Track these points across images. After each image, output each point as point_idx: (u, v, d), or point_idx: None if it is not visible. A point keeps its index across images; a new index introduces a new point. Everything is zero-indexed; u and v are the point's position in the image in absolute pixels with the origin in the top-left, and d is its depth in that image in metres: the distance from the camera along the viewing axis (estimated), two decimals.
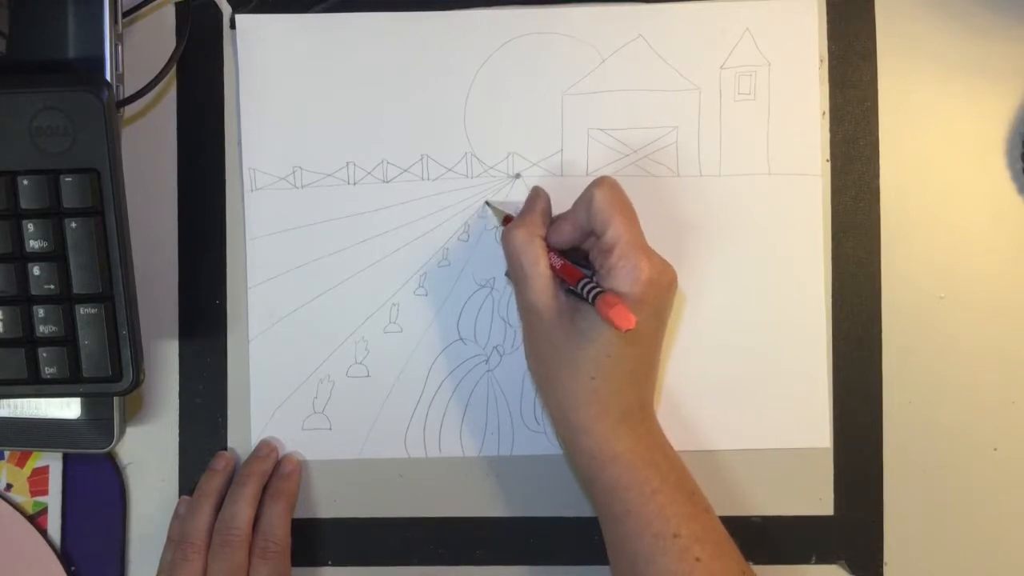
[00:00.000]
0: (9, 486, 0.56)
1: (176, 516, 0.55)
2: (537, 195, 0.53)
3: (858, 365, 0.56)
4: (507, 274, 0.54)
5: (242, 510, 0.53)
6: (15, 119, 0.48)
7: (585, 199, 0.50)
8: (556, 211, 0.53)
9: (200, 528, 0.53)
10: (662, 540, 0.48)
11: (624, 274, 0.48)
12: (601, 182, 0.50)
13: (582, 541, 0.56)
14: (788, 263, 0.56)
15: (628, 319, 0.45)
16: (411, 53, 0.56)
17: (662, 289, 0.49)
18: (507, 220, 0.54)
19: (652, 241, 0.56)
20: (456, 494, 0.56)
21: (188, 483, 0.56)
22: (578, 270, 0.49)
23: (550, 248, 0.51)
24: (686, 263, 0.56)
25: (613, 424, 0.49)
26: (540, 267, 0.50)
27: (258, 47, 0.56)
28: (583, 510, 0.56)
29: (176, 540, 0.54)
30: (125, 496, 0.56)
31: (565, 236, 0.51)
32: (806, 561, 0.56)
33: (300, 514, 0.56)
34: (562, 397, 0.50)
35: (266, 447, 0.56)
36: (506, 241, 0.51)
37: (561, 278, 0.50)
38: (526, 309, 0.51)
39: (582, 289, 0.48)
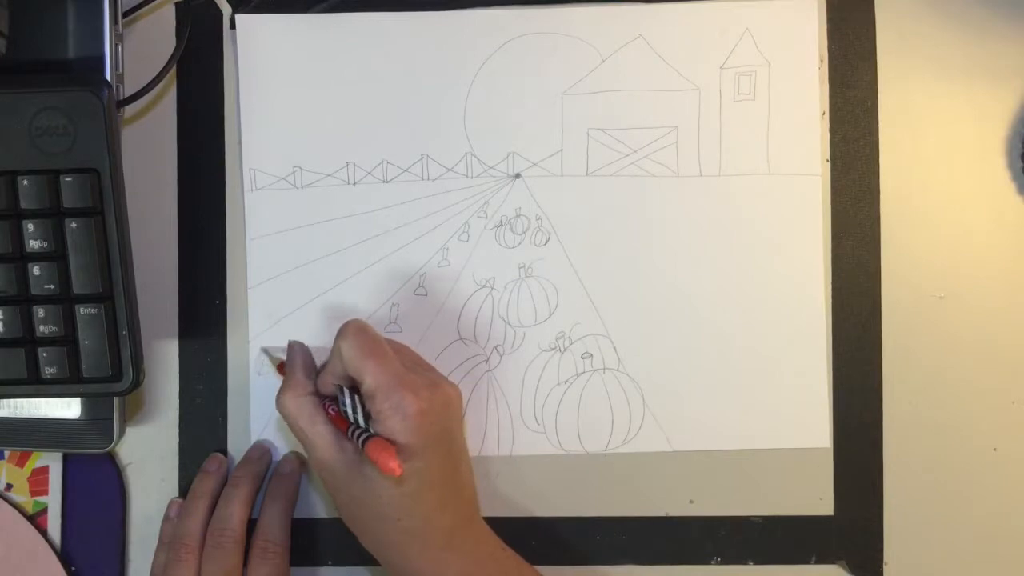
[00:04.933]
0: (9, 486, 0.56)
1: (167, 518, 0.55)
2: (293, 352, 0.53)
3: (858, 365, 0.56)
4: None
5: (236, 511, 0.53)
6: (15, 119, 0.48)
7: (335, 351, 0.49)
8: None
9: (194, 529, 0.53)
10: None
11: (391, 416, 0.47)
12: (345, 331, 0.49)
13: (582, 541, 0.56)
14: (788, 263, 0.56)
15: (391, 467, 0.45)
16: (411, 53, 0.56)
17: (436, 414, 0.48)
18: (282, 366, 0.54)
19: (651, 241, 0.56)
20: None
21: (188, 483, 0.56)
22: (347, 420, 0.49)
23: (325, 397, 0.51)
24: (686, 263, 0.56)
25: (438, 553, 0.49)
26: (317, 426, 0.49)
27: (258, 47, 0.56)
28: (583, 510, 0.56)
29: (168, 542, 0.54)
30: (125, 496, 0.56)
31: (330, 388, 0.50)
32: (806, 561, 0.56)
33: (300, 514, 0.56)
34: (380, 543, 0.50)
35: (259, 449, 0.56)
36: (279, 408, 0.51)
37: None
38: (318, 468, 0.50)
39: (353, 438, 0.48)
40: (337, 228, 0.56)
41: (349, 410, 0.49)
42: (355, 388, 0.50)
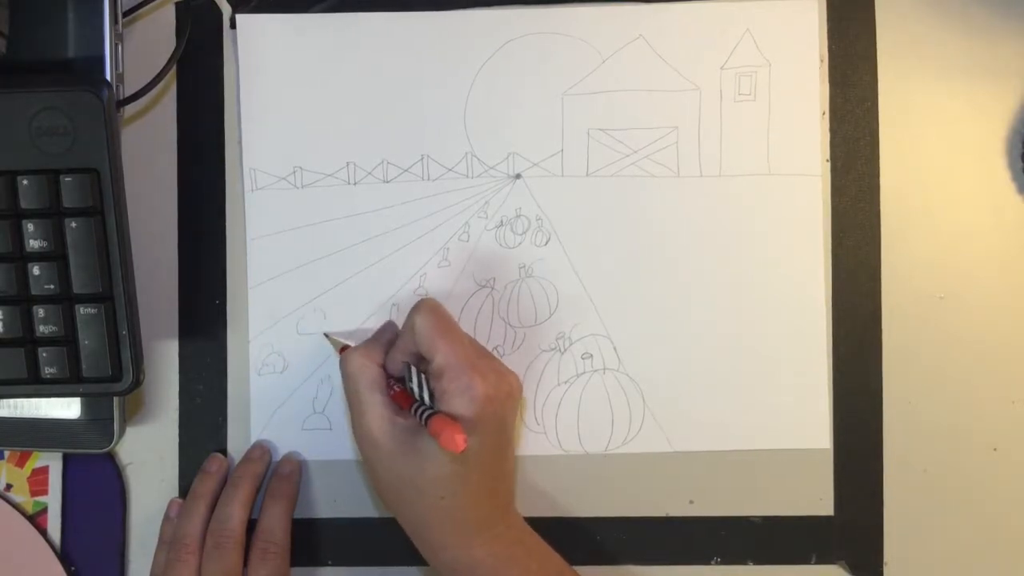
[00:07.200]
0: (9, 486, 0.56)
1: (167, 518, 0.55)
2: (386, 327, 0.54)
3: (858, 365, 0.56)
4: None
5: (235, 512, 0.53)
6: (15, 119, 0.48)
7: (408, 327, 0.50)
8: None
9: (194, 530, 0.53)
10: None
11: (457, 396, 0.47)
12: (420, 307, 0.50)
13: (583, 541, 0.56)
14: (788, 263, 0.56)
15: (456, 442, 0.45)
16: (411, 53, 0.56)
17: (500, 402, 0.49)
18: (344, 350, 0.54)
19: (652, 241, 0.56)
20: None
21: (188, 483, 0.56)
22: (411, 396, 0.49)
23: (390, 376, 0.51)
24: (686, 263, 0.56)
25: (470, 536, 0.49)
26: (376, 394, 0.49)
27: (258, 47, 0.56)
28: (583, 510, 0.56)
29: (169, 542, 0.54)
30: (125, 496, 0.56)
31: (398, 365, 0.50)
32: (806, 561, 0.56)
33: (300, 514, 0.56)
34: (415, 519, 0.50)
35: (258, 449, 0.56)
36: (343, 366, 0.51)
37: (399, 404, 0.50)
38: (362, 438, 0.50)
39: (415, 413, 0.48)
40: (337, 228, 0.56)
41: (415, 386, 0.49)
42: (421, 369, 0.50)
